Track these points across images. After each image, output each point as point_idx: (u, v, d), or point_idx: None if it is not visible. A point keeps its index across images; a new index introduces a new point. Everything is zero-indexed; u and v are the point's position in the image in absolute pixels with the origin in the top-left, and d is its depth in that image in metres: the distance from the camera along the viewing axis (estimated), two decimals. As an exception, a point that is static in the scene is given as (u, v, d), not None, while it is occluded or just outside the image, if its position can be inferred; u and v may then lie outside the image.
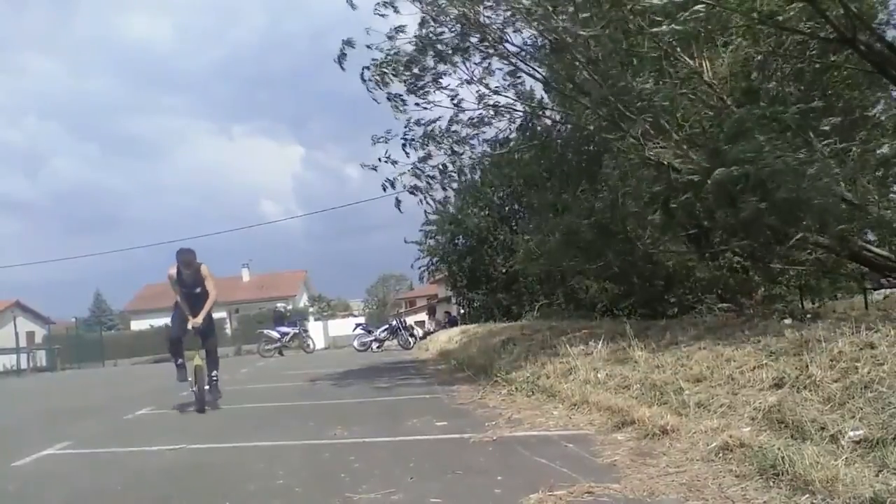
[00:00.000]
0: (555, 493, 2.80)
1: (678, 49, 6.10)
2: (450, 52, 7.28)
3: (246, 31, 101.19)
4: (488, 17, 6.84)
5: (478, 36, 7.07)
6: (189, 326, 6.61)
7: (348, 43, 7.43)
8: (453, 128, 8.10)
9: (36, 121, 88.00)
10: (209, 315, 6.83)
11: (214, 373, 6.83)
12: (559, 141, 8.95)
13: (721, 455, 3.05)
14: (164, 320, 34.79)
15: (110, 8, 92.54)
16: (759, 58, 6.37)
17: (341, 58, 7.47)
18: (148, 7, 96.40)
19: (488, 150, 8.68)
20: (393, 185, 8.47)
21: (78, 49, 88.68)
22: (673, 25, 4.83)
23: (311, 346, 21.94)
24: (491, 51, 7.23)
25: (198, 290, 6.74)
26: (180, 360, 6.88)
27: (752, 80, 6.53)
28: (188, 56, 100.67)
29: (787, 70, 6.48)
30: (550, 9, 6.07)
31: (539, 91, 8.70)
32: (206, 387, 6.69)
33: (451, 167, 8.41)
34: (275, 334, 20.96)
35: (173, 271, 6.65)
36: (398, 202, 8.67)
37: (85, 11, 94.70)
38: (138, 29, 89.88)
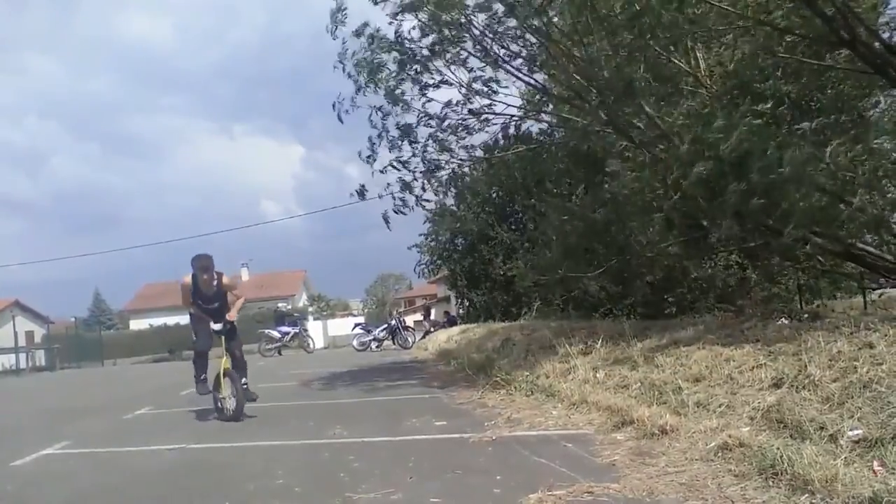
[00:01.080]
0: (554, 493, 2.80)
1: (672, 49, 6.10)
2: (436, 61, 7.26)
3: (246, 31, 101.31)
4: (479, 22, 6.80)
5: (463, 38, 7.03)
6: (214, 328, 5.96)
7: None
8: (439, 135, 8.04)
9: (36, 120, 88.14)
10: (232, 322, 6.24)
11: (244, 379, 6.06)
12: (553, 146, 8.92)
13: (720, 455, 3.06)
14: (164, 320, 35.06)
15: (111, 7, 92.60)
16: (758, 60, 6.37)
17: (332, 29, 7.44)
18: (148, 7, 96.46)
19: (479, 153, 8.62)
20: (387, 221, 8.43)
21: (78, 49, 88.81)
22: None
23: (312, 345, 22.00)
24: (480, 54, 7.19)
25: (216, 304, 6.02)
26: (204, 376, 6.21)
27: (751, 77, 6.54)
28: (189, 56, 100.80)
29: (786, 70, 6.48)
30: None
31: (525, 88, 8.64)
32: (244, 386, 6.00)
33: (440, 173, 8.35)
34: (276, 334, 21.03)
35: (188, 282, 5.96)
36: (387, 220, 8.55)
37: (85, 11, 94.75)
38: (139, 28, 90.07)
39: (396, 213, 8.40)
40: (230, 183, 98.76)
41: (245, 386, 6.01)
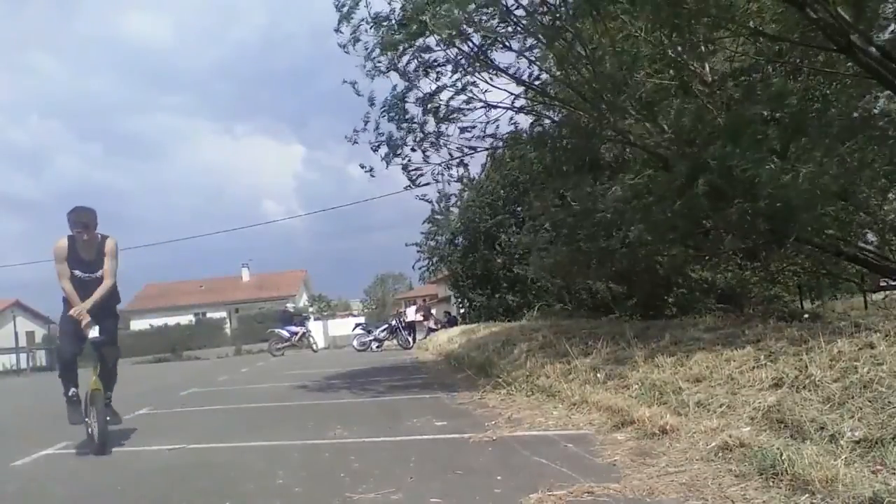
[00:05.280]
0: (555, 493, 2.80)
1: (677, 49, 6.11)
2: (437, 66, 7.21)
3: (247, 31, 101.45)
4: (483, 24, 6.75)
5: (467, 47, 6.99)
6: (90, 335, 4.65)
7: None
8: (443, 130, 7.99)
9: (38, 120, 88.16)
10: (112, 315, 5.00)
11: (108, 393, 4.91)
12: (557, 143, 8.89)
13: (721, 455, 3.05)
14: (165, 320, 35.13)
15: (112, 6, 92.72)
16: (753, 61, 6.37)
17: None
18: (149, 6, 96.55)
19: (483, 150, 8.55)
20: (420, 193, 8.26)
21: (80, 48, 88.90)
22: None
23: (317, 345, 22.38)
24: (480, 62, 7.16)
25: (98, 273, 4.79)
26: (73, 391, 4.82)
27: (750, 79, 6.54)
28: (189, 55, 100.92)
29: (784, 73, 6.48)
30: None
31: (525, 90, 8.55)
32: (107, 418, 4.74)
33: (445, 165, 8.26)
34: (285, 333, 21.49)
35: (63, 244, 4.72)
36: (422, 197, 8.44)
37: (86, 10, 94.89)
38: (140, 28, 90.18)
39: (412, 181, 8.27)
40: (231, 183, 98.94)
41: (108, 402, 4.88)
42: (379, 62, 7.31)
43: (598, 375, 5.27)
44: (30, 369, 26.78)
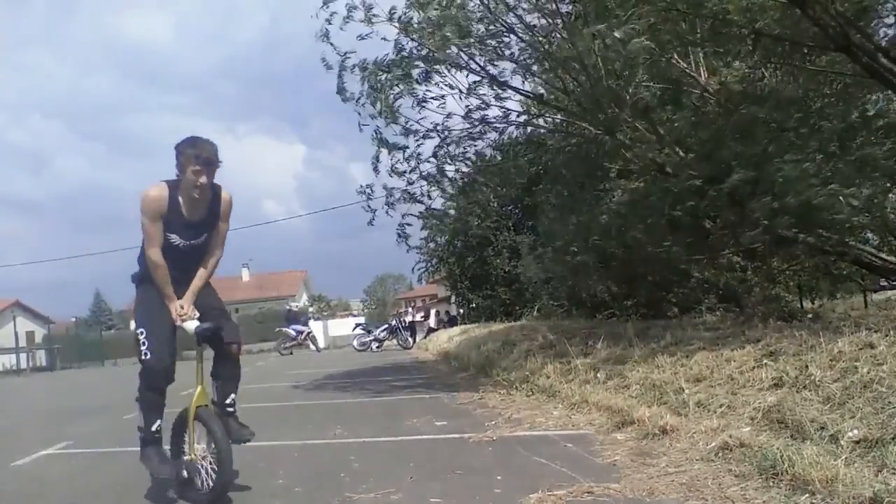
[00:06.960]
0: (555, 493, 2.80)
1: (672, 55, 6.12)
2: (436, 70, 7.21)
3: (249, 31, 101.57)
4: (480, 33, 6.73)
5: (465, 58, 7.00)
6: (179, 323, 3.07)
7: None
8: (439, 150, 8.00)
9: (40, 120, 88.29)
10: (213, 293, 3.31)
11: (232, 396, 3.33)
12: (553, 150, 8.88)
13: (721, 455, 3.05)
14: (164, 320, 35.04)
15: (113, 6, 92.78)
16: (754, 59, 6.37)
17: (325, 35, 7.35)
18: (150, 6, 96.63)
19: (481, 160, 8.56)
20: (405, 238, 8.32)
21: (81, 47, 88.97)
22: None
23: (319, 345, 22.86)
24: (481, 73, 7.16)
25: (202, 239, 3.19)
26: (158, 423, 3.12)
27: (752, 82, 6.54)
28: (192, 55, 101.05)
29: (784, 73, 6.49)
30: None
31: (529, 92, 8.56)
32: (229, 436, 3.17)
33: (444, 183, 8.28)
34: (292, 332, 21.97)
35: (160, 194, 3.00)
36: (403, 236, 8.36)
37: (89, 10, 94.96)
38: (141, 28, 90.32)
39: (401, 236, 8.34)
40: (232, 182, 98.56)
41: (230, 409, 3.31)
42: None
43: (598, 375, 5.28)
44: (30, 369, 26.81)
